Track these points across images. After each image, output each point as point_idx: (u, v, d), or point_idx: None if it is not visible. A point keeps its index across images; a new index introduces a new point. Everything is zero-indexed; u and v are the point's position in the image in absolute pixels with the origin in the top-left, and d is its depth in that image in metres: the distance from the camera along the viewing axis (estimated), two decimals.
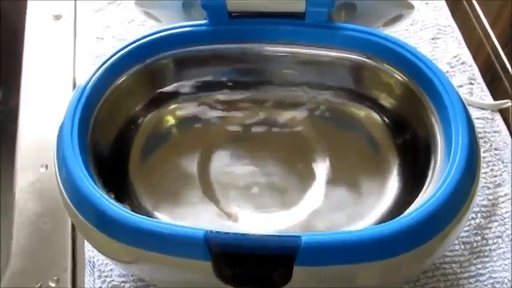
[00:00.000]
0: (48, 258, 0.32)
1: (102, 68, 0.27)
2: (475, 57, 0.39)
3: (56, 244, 0.32)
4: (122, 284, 0.30)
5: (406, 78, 0.29)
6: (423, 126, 0.28)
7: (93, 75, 0.27)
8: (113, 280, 0.30)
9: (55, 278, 0.31)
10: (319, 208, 0.29)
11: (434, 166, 0.26)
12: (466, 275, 0.31)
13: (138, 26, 0.41)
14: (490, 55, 0.40)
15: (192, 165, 0.31)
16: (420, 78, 0.28)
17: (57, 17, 0.43)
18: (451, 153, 0.25)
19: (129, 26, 0.42)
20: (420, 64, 0.27)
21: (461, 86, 0.38)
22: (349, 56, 0.30)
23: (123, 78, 0.29)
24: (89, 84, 0.27)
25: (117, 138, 0.29)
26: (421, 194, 0.26)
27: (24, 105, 0.39)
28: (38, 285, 0.31)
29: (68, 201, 0.25)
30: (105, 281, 0.30)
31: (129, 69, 0.29)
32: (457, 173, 0.24)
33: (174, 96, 0.32)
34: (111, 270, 0.31)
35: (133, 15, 0.41)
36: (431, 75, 0.27)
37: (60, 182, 0.25)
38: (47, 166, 0.35)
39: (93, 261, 0.31)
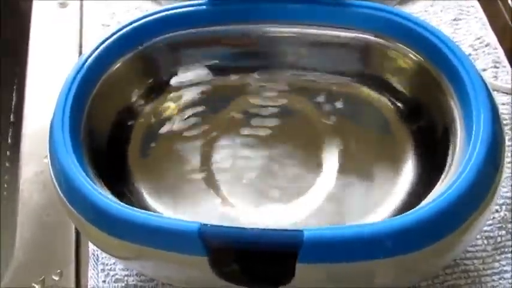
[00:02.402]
0: (51, 251, 0.32)
1: (94, 55, 0.26)
2: (500, 39, 0.37)
3: (59, 236, 0.32)
4: (125, 278, 0.30)
5: (422, 59, 0.27)
6: (441, 111, 0.26)
7: (84, 62, 0.26)
8: (116, 274, 0.30)
9: (58, 271, 0.31)
10: (329, 198, 0.27)
11: (453, 154, 0.25)
12: (488, 271, 0.29)
13: (144, 13, 0.40)
14: None
15: (194, 154, 0.29)
16: (439, 58, 0.26)
17: (63, 5, 0.43)
18: (472, 140, 0.23)
19: (135, 13, 0.41)
20: (439, 43, 0.26)
21: (485, 70, 0.36)
22: (359, 35, 0.28)
23: (118, 65, 0.28)
24: (80, 73, 0.26)
25: (115, 128, 0.28)
26: (438, 184, 0.24)
27: (29, 95, 0.38)
28: (41, 279, 0.31)
29: (61, 194, 0.24)
30: (108, 274, 0.30)
31: (123, 55, 0.28)
32: (479, 161, 0.22)
33: (172, 82, 0.31)
34: (114, 263, 0.30)
35: (139, 2, 0.41)
36: (451, 56, 0.25)
37: (53, 176, 0.24)
38: None
39: (97, 255, 0.31)
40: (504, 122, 0.34)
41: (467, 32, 0.38)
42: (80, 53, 0.40)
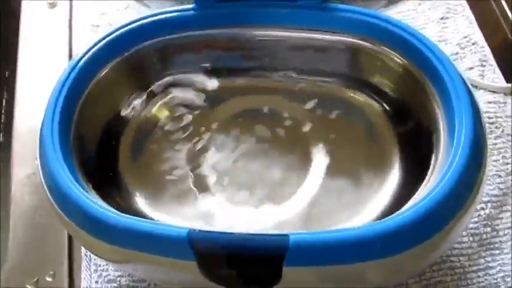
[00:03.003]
0: (44, 253, 0.32)
1: (82, 60, 0.26)
2: (487, 38, 0.37)
3: (52, 238, 0.32)
4: (118, 279, 0.30)
5: (406, 62, 0.27)
6: (425, 114, 0.26)
7: (73, 68, 0.26)
8: (109, 274, 0.30)
9: (51, 272, 0.31)
10: (316, 200, 0.28)
11: (437, 156, 0.25)
12: (474, 268, 0.29)
13: (134, 12, 0.40)
14: (506, 35, 0.38)
15: (183, 157, 0.30)
16: (421, 62, 0.26)
17: (53, 5, 0.42)
18: (454, 142, 0.23)
19: (125, 12, 0.41)
20: (421, 46, 0.26)
21: (471, 68, 0.36)
22: (345, 39, 0.28)
23: (106, 70, 0.28)
24: (69, 79, 0.26)
25: (105, 133, 0.28)
26: (422, 186, 0.25)
27: (20, 97, 0.38)
28: (35, 280, 0.31)
29: (54, 203, 0.24)
30: (101, 275, 0.30)
31: (111, 60, 0.28)
32: (461, 163, 0.23)
33: (163, 86, 0.31)
34: (107, 264, 0.30)
35: (128, 1, 0.40)
36: (433, 58, 0.25)
37: (43, 183, 0.25)
38: None
39: (89, 255, 0.31)
40: (490, 120, 0.34)
41: (455, 30, 0.38)
42: (70, 53, 0.40)
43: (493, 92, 0.35)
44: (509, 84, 0.35)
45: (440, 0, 0.39)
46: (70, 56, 0.40)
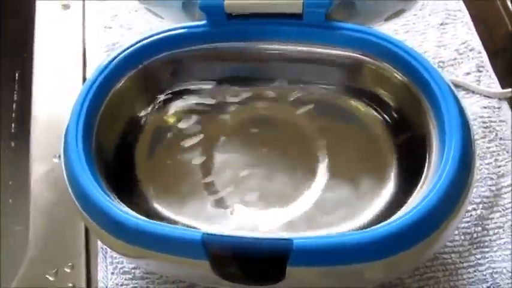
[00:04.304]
0: (63, 246, 0.33)
1: (103, 73, 0.28)
2: (484, 44, 0.39)
3: (70, 232, 0.34)
4: (133, 271, 0.32)
5: (403, 77, 0.29)
6: (420, 125, 0.28)
7: (95, 80, 0.28)
8: (124, 267, 0.32)
9: (70, 264, 0.33)
10: (316, 204, 0.29)
11: (429, 164, 0.27)
12: (465, 264, 0.31)
13: (145, 14, 0.41)
14: (503, 40, 0.39)
15: (195, 162, 0.31)
16: (415, 76, 0.28)
17: (66, 6, 0.43)
18: (445, 152, 0.25)
19: (136, 15, 0.42)
20: (414, 62, 0.27)
21: (468, 74, 0.37)
22: (348, 54, 0.30)
23: (123, 81, 0.29)
24: (91, 89, 0.27)
25: (121, 140, 0.30)
26: (415, 192, 0.27)
27: (36, 96, 0.39)
28: (55, 270, 0.33)
29: (78, 205, 0.26)
30: (116, 267, 0.32)
31: (128, 72, 0.29)
32: (451, 172, 0.25)
33: (175, 95, 0.33)
34: (122, 256, 0.32)
35: (140, 4, 0.41)
36: (424, 73, 0.27)
37: (68, 185, 0.27)
38: (59, 156, 0.36)
39: (105, 249, 0.33)
40: (484, 124, 0.36)
41: (454, 36, 0.39)
42: (84, 53, 0.41)
43: (488, 97, 0.37)
44: (504, 90, 0.37)
45: (441, 6, 0.40)
46: (84, 57, 0.41)
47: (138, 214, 0.26)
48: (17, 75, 0.43)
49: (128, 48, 0.29)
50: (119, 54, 0.29)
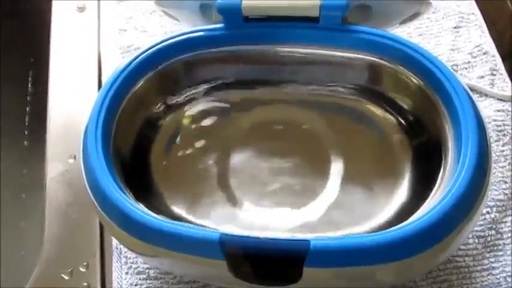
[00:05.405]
0: (78, 245, 0.34)
1: (121, 76, 0.28)
2: (498, 47, 0.39)
3: (85, 232, 0.34)
4: (147, 271, 0.32)
5: (420, 80, 0.29)
6: (436, 129, 0.28)
7: (114, 82, 0.28)
8: (138, 267, 0.32)
9: (85, 263, 0.33)
10: (333, 206, 0.29)
11: (445, 169, 0.27)
12: (478, 268, 0.31)
13: (160, 17, 0.42)
14: None
15: (211, 163, 0.31)
16: (431, 79, 0.28)
17: (82, 9, 0.44)
18: (461, 156, 0.25)
19: (150, 17, 0.42)
20: (430, 65, 0.28)
21: (482, 77, 0.37)
22: (364, 57, 0.30)
23: (140, 83, 0.30)
24: (110, 91, 0.28)
25: (138, 141, 0.30)
26: (430, 196, 0.27)
27: (53, 97, 0.40)
28: (70, 270, 0.33)
29: (96, 205, 0.26)
30: (131, 267, 0.32)
31: (146, 75, 0.30)
32: (467, 175, 0.25)
33: (191, 97, 0.33)
34: (136, 256, 0.32)
35: (154, 6, 0.42)
36: (441, 76, 0.27)
37: (88, 188, 0.27)
38: (75, 157, 0.37)
39: (120, 248, 0.33)
40: (498, 128, 0.36)
41: (467, 39, 0.39)
42: (99, 55, 0.42)
43: (502, 100, 0.37)
44: None
45: (454, 9, 0.40)
46: (99, 58, 0.41)
47: (154, 213, 0.26)
48: (33, 77, 0.44)
49: (146, 51, 0.29)
50: (138, 57, 0.29)
